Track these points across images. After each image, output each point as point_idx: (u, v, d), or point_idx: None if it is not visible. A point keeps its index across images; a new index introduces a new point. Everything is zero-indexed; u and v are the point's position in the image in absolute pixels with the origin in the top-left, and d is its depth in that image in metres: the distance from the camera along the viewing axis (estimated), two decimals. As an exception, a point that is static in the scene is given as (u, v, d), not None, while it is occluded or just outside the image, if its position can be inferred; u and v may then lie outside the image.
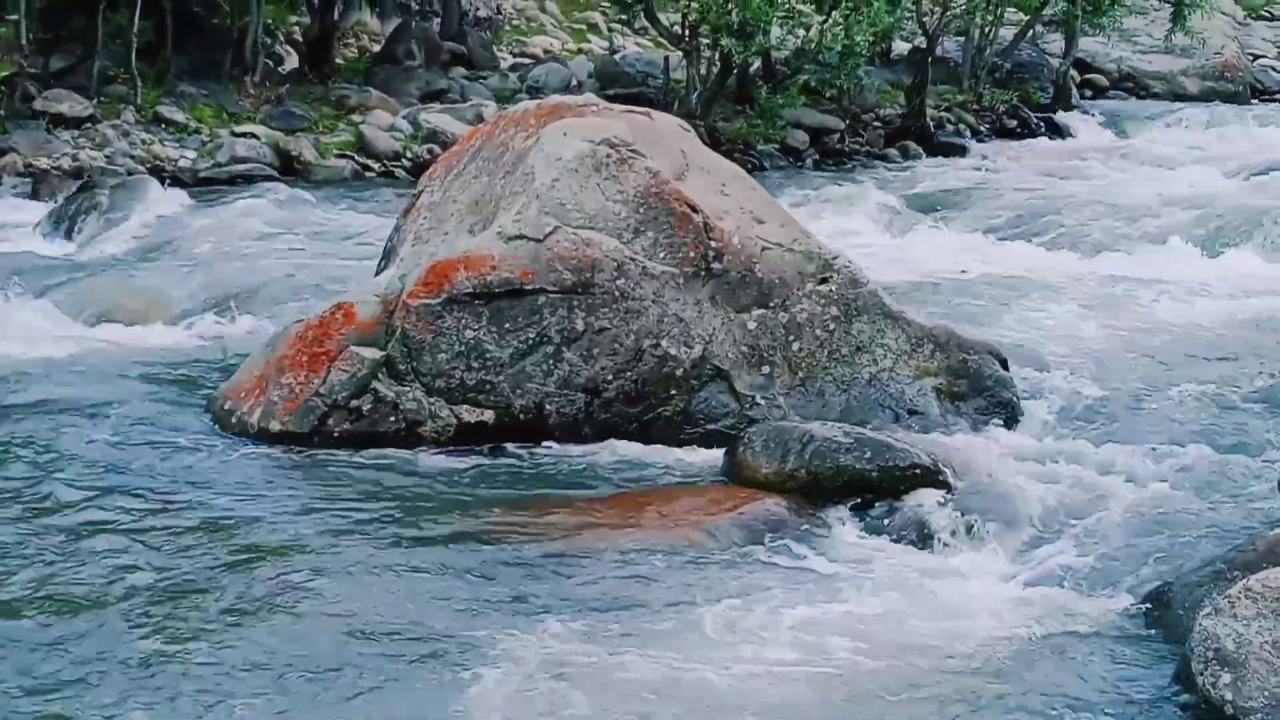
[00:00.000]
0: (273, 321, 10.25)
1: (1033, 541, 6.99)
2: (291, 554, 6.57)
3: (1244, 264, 13.25)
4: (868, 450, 7.55)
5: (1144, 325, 10.98)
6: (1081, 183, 17.77)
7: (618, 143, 8.58)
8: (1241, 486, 7.64)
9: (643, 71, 22.49)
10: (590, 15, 27.53)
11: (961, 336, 8.80)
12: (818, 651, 5.84)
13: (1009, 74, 23.82)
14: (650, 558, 6.66)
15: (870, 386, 8.47)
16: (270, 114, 18.89)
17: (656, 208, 8.47)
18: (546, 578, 6.44)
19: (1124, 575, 6.54)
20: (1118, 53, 27.10)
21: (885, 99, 22.09)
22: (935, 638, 5.98)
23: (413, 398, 8.18)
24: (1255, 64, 29.21)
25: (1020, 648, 5.96)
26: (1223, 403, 9.08)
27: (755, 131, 19.83)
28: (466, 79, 21.95)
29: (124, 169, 16.87)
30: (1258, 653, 5.30)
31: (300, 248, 13.16)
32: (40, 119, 17.66)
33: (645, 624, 6.02)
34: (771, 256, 8.57)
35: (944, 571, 6.71)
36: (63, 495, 7.17)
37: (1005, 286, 12.25)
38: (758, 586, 6.39)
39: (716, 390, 8.37)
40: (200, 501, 7.17)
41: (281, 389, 8.17)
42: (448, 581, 6.37)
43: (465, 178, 9.10)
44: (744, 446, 7.75)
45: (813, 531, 7.11)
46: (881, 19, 19.48)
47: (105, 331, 10.46)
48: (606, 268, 8.30)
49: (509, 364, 8.22)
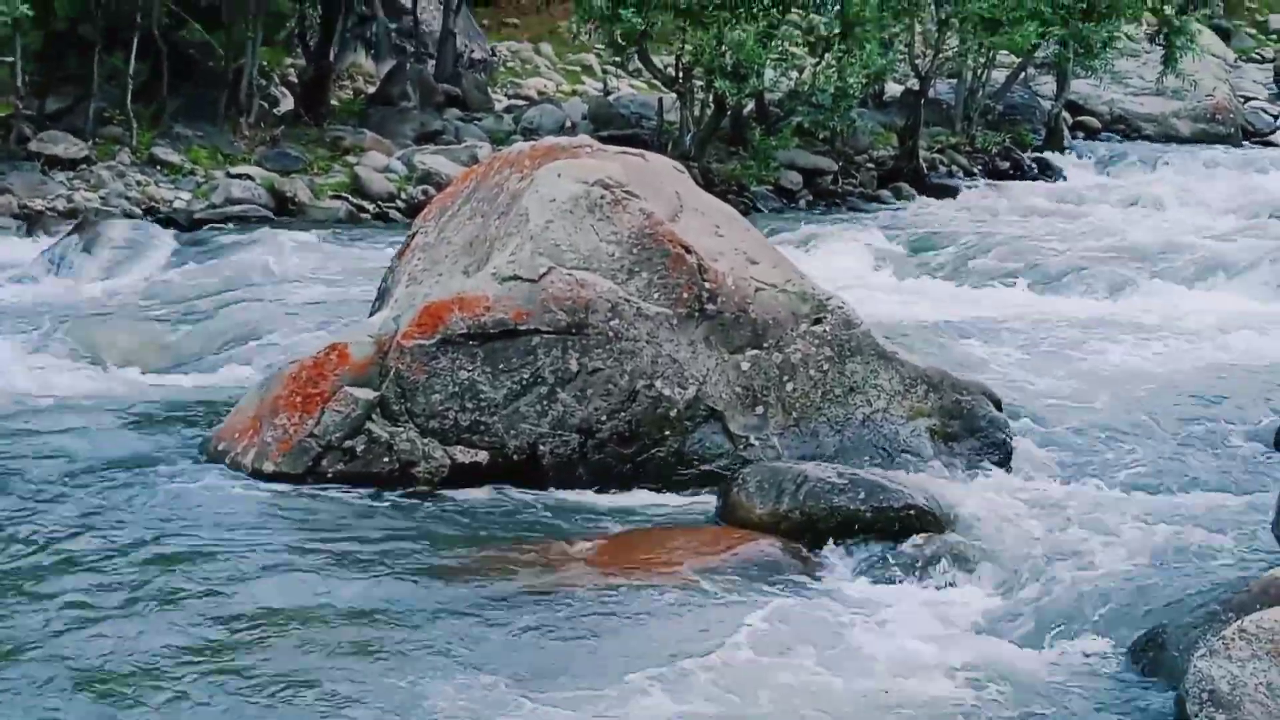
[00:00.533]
0: (267, 362, 10.26)
1: (1026, 582, 6.98)
2: (283, 594, 6.56)
3: (1234, 304, 13.31)
4: (862, 491, 7.55)
5: (1136, 365, 11.01)
6: (1073, 224, 17.83)
7: (612, 184, 8.62)
8: (1236, 527, 7.64)
9: (637, 113, 22.59)
10: (585, 57, 27.66)
11: (955, 377, 8.82)
12: (812, 693, 5.83)
13: (1001, 116, 23.95)
14: (643, 599, 6.64)
15: (864, 427, 8.48)
16: (265, 155, 18.95)
17: (651, 249, 8.50)
18: (539, 618, 6.42)
19: (1118, 616, 6.53)
20: (1110, 95, 27.24)
21: (878, 140, 22.20)
22: (929, 678, 5.97)
23: (406, 438, 8.18)
24: (1246, 106, 29.37)
25: (1014, 688, 5.94)
26: (1215, 442, 9.10)
27: (749, 173, 19.91)
28: (461, 120, 22.04)
29: (119, 210, 16.89)
30: (1252, 694, 5.29)
31: (294, 288, 13.17)
32: (35, 160, 17.70)
33: (638, 666, 6.00)
34: (765, 297, 8.59)
35: (936, 612, 6.70)
36: (54, 535, 7.15)
37: (998, 327, 12.28)
38: (751, 628, 6.37)
39: (710, 431, 8.38)
40: (193, 542, 7.15)
41: (275, 429, 8.17)
42: (440, 621, 6.36)
43: (460, 219, 9.12)
44: (738, 487, 7.75)
45: (807, 572, 7.10)
46: (874, 61, 19.59)
47: (98, 372, 10.46)
48: (601, 308, 8.32)
49: (503, 405, 8.22)
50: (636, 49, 20.04)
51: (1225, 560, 7.16)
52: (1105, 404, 9.84)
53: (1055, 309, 13.22)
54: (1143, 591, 6.76)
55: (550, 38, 28.40)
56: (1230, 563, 7.12)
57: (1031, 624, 6.59)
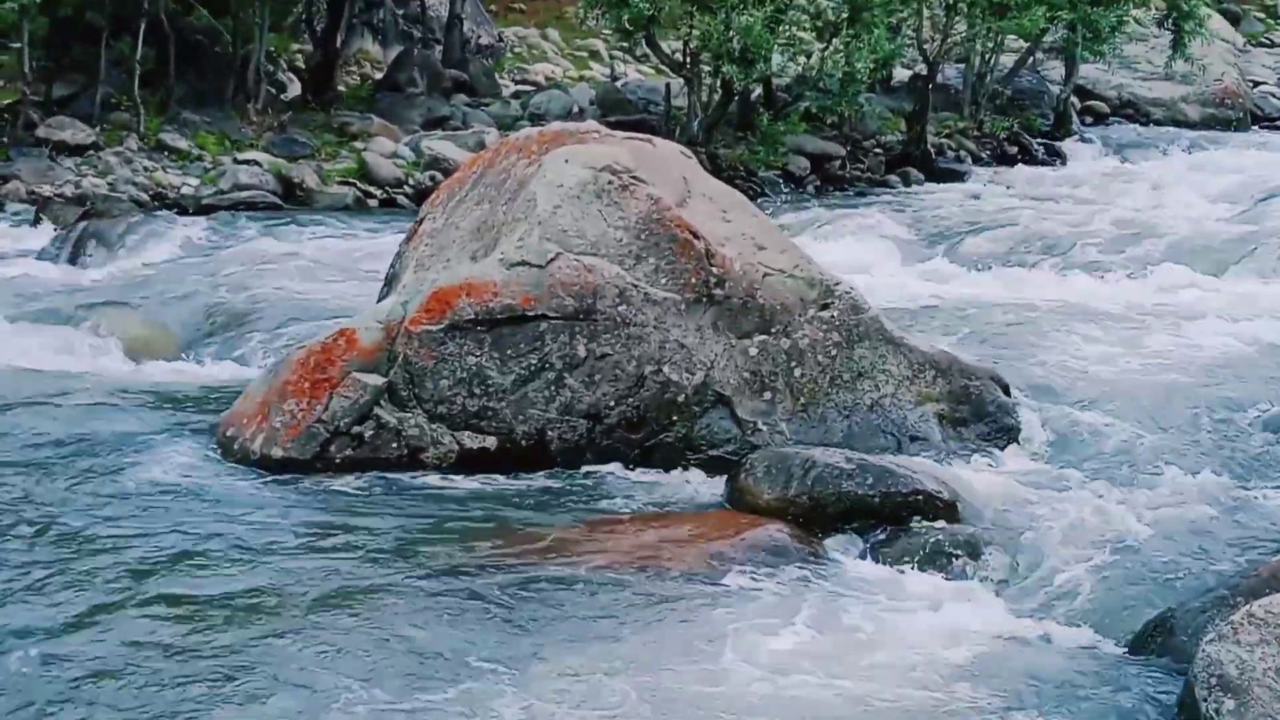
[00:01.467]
0: (275, 348, 10.27)
1: (1035, 566, 6.98)
2: (290, 579, 6.57)
3: (1243, 288, 13.26)
4: (870, 476, 7.55)
5: (1145, 350, 10.98)
6: (1081, 209, 17.77)
7: (619, 169, 8.61)
8: (1245, 511, 7.63)
9: (644, 98, 22.55)
10: (592, 42, 27.62)
11: (963, 362, 8.81)
12: (818, 676, 5.83)
13: (1009, 101, 23.87)
14: (651, 584, 6.65)
15: (872, 412, 8.47)
16: (273, 141, 18.94)
17: (658, 234, 8.49)
18: (546, 603, 6.43)
19: (1127, 600, 6.54)
20: (1118, 79, 27.16)
21: (886, 126, 22.14)
22: (936, 662, 5.98)
23: (415, 424, 8.18)
24: (1256, 91, 29.27)
25: (1022, 673, 5.95)
26: (1225, 427, 9.08)
27: (756, 158, 19.87)
28: (468, 106, 22.02)
29: (126, 196, 16.89)
30: (1261, 679, 5.29)
31: (302, 274, 13.17)
32: (43, 146, 17.69)
33: (645, 649, 6.01)
34: (773, 283, 8.58)
35: (946, 596, 6.70)
36: (61, 520, 7.16)
37: (1006, 312, 12.25)
38: (758, 612, 6.37)
39: (718, 416, 8.38)
40: (200, 527, 7.16)
41: (284, 415, 8.18)
42: (446, 605, 6.36)
43: (467, 204, 9.12)
44: (745, 472, 7.75)
45: (814, 557, 7.10)
46: (882, 46, 19.53)
47: (107, 357, 10.48)
48: (608, 294, 8.31)
49: (511, 390, 8.22)
50: (644, 34, 20.00)
51: (1234, 545, 7.16)
52: (1114, 389, 9.81)
53: (1064, 293, 13.18)
54: (1151, 576, 6.76)
55: (557, 23, 28.35)
56: (1239, 547, 7.12)
57: (1039, 608, 6.59)
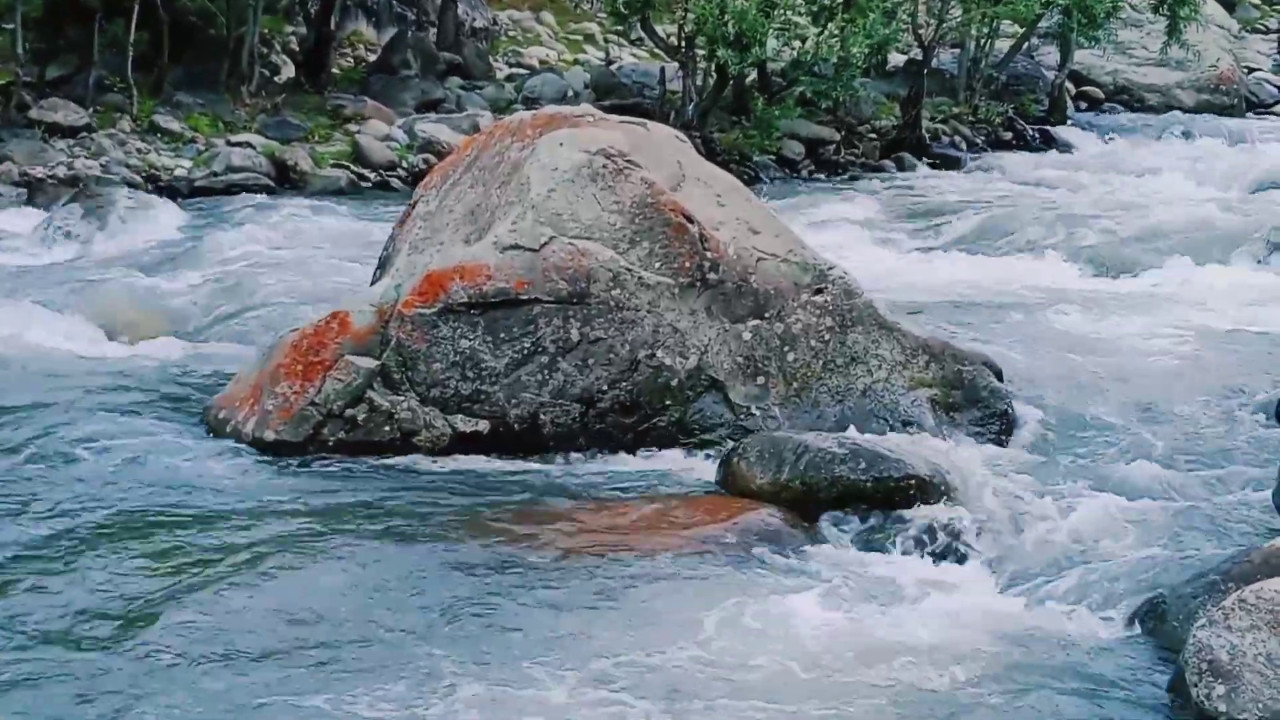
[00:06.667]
0: (267, 330, 10.25)
1: (1027, 552, 6.98)
2: (282, 562, 6.57)
3: (1236, 275, 13.27)
4: (862, 461, 7.55)
5: (1139, 336, 10.99)
6: (1076, 195, 17.79)
7: (614, 153, 8.59)
8: (1237, 498, 7.65)
9: (639, 82, 22.50)
10: (586, 26, 27.54)
11: (956, 348, 8.81)
12: (810, 661, 5.84)
13: (1004, 86, 23.84)
14: (643, 567, 6.65)
15: (865, 397, 8.48)
16: (266, 123, 18.89)
17: (652, 218, 8.48)
18: (539, 586, 6.44)
19: (1118, 586, 6.54)
20: (1113, 65, 27.11)
21: (881, 111, 22.11)
22: (929, 648, 5.98)
23: (407, 407, 8.18)
24: (1250, 77, 29.24)
25: (1014, 659, 5.96)
26: (1217, 414, 9.10)
27: (751, 143, 19.85)
28: (462, 89, 21.96)
29: (120, 178, 16.85)
30: (1251, 664, 5.30)
31: (295, 257, 13.15)
32: (36, 128, 17.64)
33: (635, 632, 6.02)
34: (767, 267, 8.58)
35: (938, 582, 6.71)
36: (54, 503, 7.16)
37: (999, 298, 12.26)
38: (751, 597, 6.38)
39: (711, 400, 8.38)
40: (192, 509, 7.16)
41: (276, 398, 8.17)
42: (441, 589, 6.37)
43: (461, 187, 9.10)
44: (738, 457, 7.75)
45: (807, 542, 7.10)
46: (877, 31, 19.51)
47: (99, 340, 10.45)
48: (602, 278, 8.30)
49: (504, 374, 8.22)
50: (639, 18, 19.96)
51: (1225, 531, 7.17)
52: (1107, 375, 9.82)
53: (1057, 279, 13.19)
54: (1143, 562, 6.77)
55: (552, 6, 28.25)
56: (1230, 533, 7.13)
57: (1031, 594, 6.60)
